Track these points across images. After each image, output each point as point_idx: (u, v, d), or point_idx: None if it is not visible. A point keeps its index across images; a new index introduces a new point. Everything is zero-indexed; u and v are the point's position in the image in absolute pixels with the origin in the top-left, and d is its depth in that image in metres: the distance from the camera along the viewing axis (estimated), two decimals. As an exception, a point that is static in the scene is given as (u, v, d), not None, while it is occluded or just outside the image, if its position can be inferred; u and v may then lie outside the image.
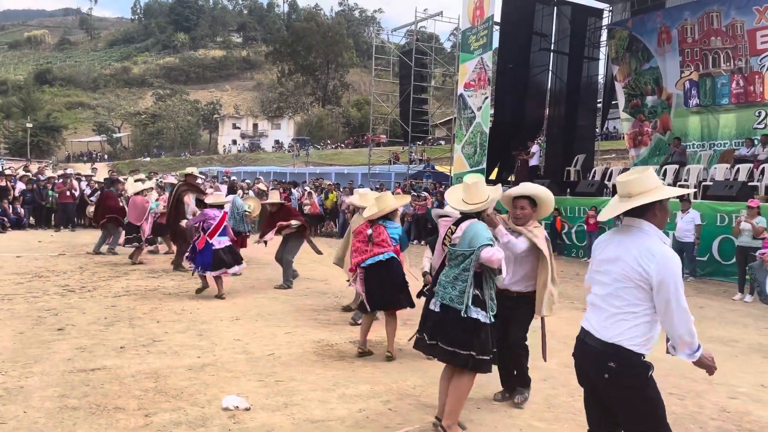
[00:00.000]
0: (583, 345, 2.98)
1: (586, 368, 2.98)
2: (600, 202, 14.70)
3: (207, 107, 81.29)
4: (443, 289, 4.03)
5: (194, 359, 5.70)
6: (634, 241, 2.85)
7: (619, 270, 2.86)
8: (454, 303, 3.94)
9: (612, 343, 2.81)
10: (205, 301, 8.41)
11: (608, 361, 2.80)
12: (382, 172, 29.22)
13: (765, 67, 14.90)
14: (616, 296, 2.86)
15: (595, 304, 2.98)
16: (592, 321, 2.96)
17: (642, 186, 2.89)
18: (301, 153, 59.50)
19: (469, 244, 3.93)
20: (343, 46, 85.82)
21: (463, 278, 3.93)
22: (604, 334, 2.86)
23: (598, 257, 3.06)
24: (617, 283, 2.86)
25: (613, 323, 2.84)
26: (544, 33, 19.07)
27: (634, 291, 2.81)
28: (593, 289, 3.05)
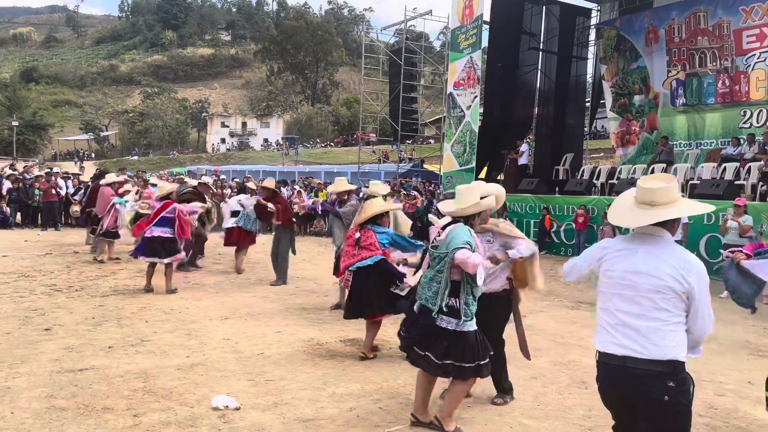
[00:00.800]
0: (625, 371, 2.71)
1: (631, 395, 2.73)
2: (589, 200, 14.78)
3: (195, 105, 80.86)
4: (421, 289, 4.05)
5: (183, 359, 5.67)
6: (667, 251, 2.76)
7: (656, 281, 2.71)
8: (428, 303, 3.95)
9: (669, 360, 2.66)
10: (194, 300, 8.37)
11: (668, 381, 2.65)
12: (371, 171, 29.25)
13: (751, 67, 15.03)
14: (659, 309, 2.70)
15: (631, 324, 2.73)
16: (631, 343, 2.72)
17: (669, 196, 2.78)
18: (290, 152, 59.37)
19: (446, 246, 3.92)
20: (333, 45, 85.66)
21: (438, 280, 3.93)
22: (657, 352, 2.66)
23: (621, 269, 2.81)
24: (657, 295, 2.71)
25: (663, 337, 2.68)
26: (533, 32, 19.12)
27: (676, 301, 2.70)
28: (620, 305, 2.79)
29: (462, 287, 3.91)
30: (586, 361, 5.71)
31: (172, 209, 8.77)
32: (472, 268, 3.80)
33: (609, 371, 2.79)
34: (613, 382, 2.80)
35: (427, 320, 3.95)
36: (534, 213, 16.00)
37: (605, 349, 2.79)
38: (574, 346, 6.50)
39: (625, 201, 2.95)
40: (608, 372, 2.80)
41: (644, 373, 2.66)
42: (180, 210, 8.79)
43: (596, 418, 4.37)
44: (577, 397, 4.97)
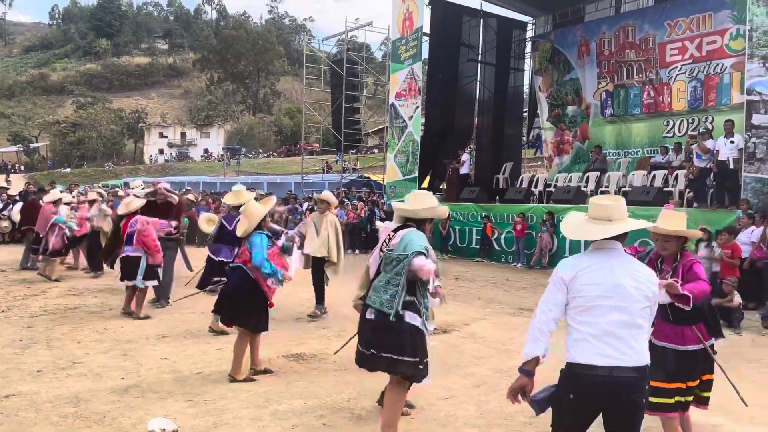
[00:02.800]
0: (613, 379, 2.82)
1: (613, 403, 2.86)
2: (527, 208, 15.13)
3: (131, 116, 78.46)
4: (375, 293, 3.98)
5: (118, 381, 5.46)
6: (632, 263, 3.00)
7: (636, 291, 2.89)
8: (384, 307, 3.89)
9: (644, 366, 2.88)
10: (129, 319, 8.07)
11: (644, 384, 2.89)
12: (315, 181, 29.08)
13: (673, 79, 15.82)
14: (640, 317, 2.90)
15: (615, 333, 2.86)
16: (618, 353, 2.84)
17: (623, 212, 3.05)
18: (231, 162, 58.40)
19: (403, 250, 3.90)
20: (274, 54, 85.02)
21: (395, 282, 3.89)
22: (639, 358, 2.86)
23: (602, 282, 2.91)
24: (637, 305, 2.89)
25: (641, 344, 2.89)
26: (471, 44, 19.56)
27: (648, 309, 2.93)
28: (607, 317, 2.87)
29: (417, 286, 3.95)
30: (526, 368, 5.81)
31: (133, 222, 8.09)
32: (426, 274, 3.82)
33: (592, 382, 2.85)
34: (598, 392, 2.86)
35: (384, 322, 3.88)
36: (476, 221, 16.27)
37: (589, 361, 2.85)
38: (516, 353, 6.58)
39: (577, 219, 3.17)
40: (591, 382, 2.86)
41: (629, 379, 2.82)
42: (141, 223, 8.03)
43: (537, 425, 4.44)
44: (520, 405, 5.03)
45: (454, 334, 7.68)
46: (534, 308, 3.25)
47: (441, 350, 6.70)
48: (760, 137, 11.03)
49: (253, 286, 5.49)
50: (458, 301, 10.04)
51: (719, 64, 14.76)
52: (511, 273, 13.92)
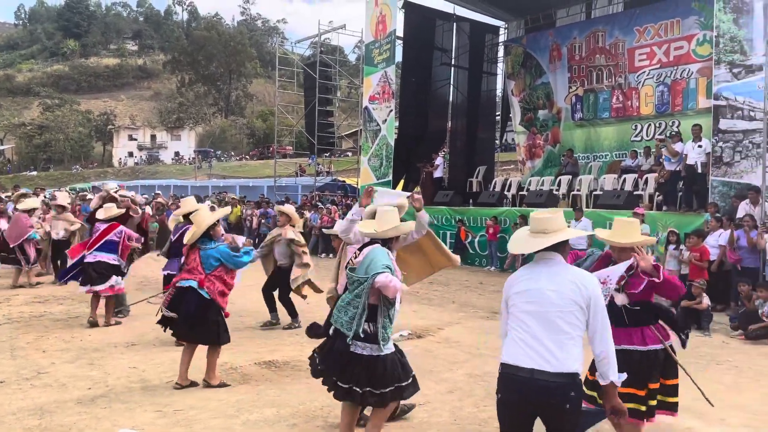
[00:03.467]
0: (531, 383, 2.93)
1: (536, 404, 2.97)
2: (500, 212, 15.22)
3: (100, 118, 76.98)
4: (337, 313, 3.90)
5: (84, 391, 5.31)
6: (565, 270, 3.12)
7: (558, 297, 3.01)
8: (343, 328, 3.79)
9: (571, 373, 2.93)
10: (96, 327, 7.88)
11: (570, 391, 2.93)
12: (288, 184, 28.86)
13: (641, 83, 16.09)
14: (563, 322, 2.98)
15: (538, 337, 2.98)
16: (537, 356, 2.95)
17: (557, 224, 3.19)
18: (203, 165, 57.73)
19: (365, 271, 3.80)
20: (246, 56, 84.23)
21: (355, 305, 3.79)
22: (562, 365, 2.92)
23: (528, 290, 3.10)
24: (561, 311, 2.99)
25: (567, 351, 2.95)
26: (444, 48, 19.61)
27: (578, 315, 3.00)
28: (529, 322, 3.03)
29: (379, 311, 3.82)
30: (500, 372, 5.81)
31: (119, 232, 7.90)
32: (392, 291, 3.74)
33: (516, 383, 3.00)
34: (519, 392, 2.99)
35: (341, 346, 3.81)
36: (450, 225, 16.30)
37: (514, 361, 3.01)
38: (489, 357, 6.59)
39: (522, 233, 3.36)
40: (515, 384, 3.00)
41: (548, 384, 2.90)
42: (127, 234, 7.94)
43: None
44: (493, 409, 4.99)
45: (428, 339, 7.66)
46: None
47: (415, 356, 6.67)
48: (726, 141, 11.25)
49: (208, 303, 5.40)
50: (432, 306, 10.04)
51: (686, 69, 15.05)
52: (484, 276, 13.98)
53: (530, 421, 3.06)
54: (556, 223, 3.20)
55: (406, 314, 8.80)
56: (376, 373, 3.78)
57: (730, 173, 11.22)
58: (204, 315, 5.38)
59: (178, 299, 5.43)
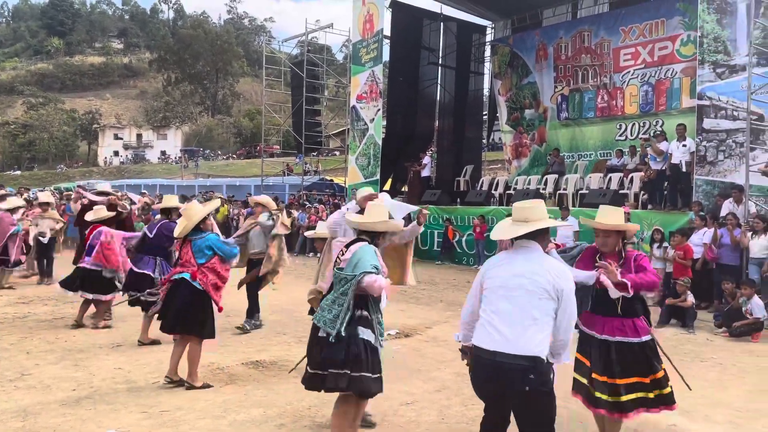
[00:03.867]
0: (493, 364, 3.09)
1: (500, 385, 3.12)
2: (488, 211, 15.27)
3: (85, 116, 76.28)
4: (321, 311, 3.86)
5: (69, 393, 5.26)
6: (540, 259, 3.23)
7: (530, 283, 3.13)
8: (327, 327, 3.75)
9: (531, 356, 3.03)
10: (82, 327, 7.80)
11: (529, 374, 3.02)
12: (275, 183, 28.77)
13: (626, 83, 16.21)
14: (532, 307, 3.10)
15: (504, 322, 3.11)
16: (500, 338, 3.09)
17: (538, 214, 3.32)
18: (189, 164, 57.38)
19: (353, 269, 3.77)
20: (233, 55, 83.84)
21: (340, 302, 3.75)
22: (523, 348, 3.04)
23: (503, 274, 3.23)
24: (531, 296, 3.11)
25: (531, 336, 3.06)
26: (432, 47, 19.65)
27: (547, 302, 3.12)
28: (498, 306, 3.17)
29: (370, 301, 3.84)
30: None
31: (97, 234, 7.67)
32: (377, 291, 3.74)
33: (482, 364, 3.17)
34: (485, 373, 3.18)
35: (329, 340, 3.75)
36: (437, 224, 16.34)
37: (480, 344, 3.18)
38: (477, 356, 6.63)
39: (505, 221, 3.49)
40: (481, 364, 3.18)
41: (509, 366, 3.04)
42: (106, 235, 7.63)
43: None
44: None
45: (416, 338, 7.67)
46: None
47: (403, 355, 6.68)
48: (710, 141, 11.36)
49: (201, 295, 5.37)
50: (420, 305, 10.06)
51: (670, 68, 15.19)
52: (472, 275, 13.94)
53: (502, 403, 3.22)
54: (537, 213, 3.32)
55: (394, 313, 8.81)
56: (367, 357, 3.74)
57: (713, 172, 11.33)
58: (193, 306, 5.34)
59: (172, 293, 5.39)
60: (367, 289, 3.74)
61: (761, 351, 7.47)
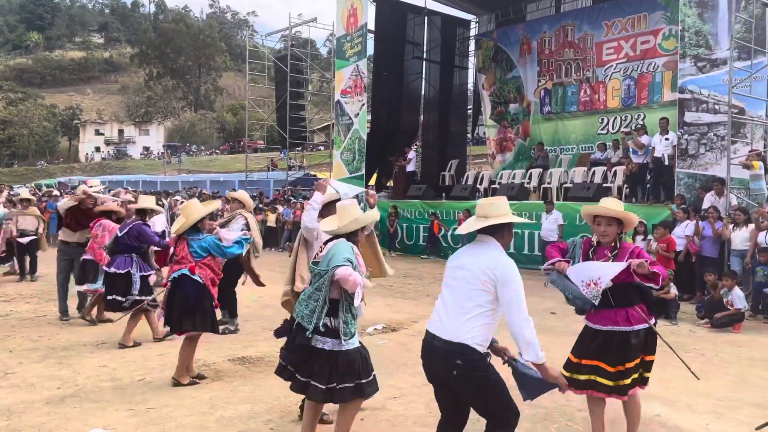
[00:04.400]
0: (431, 346, 3.31)
1: (435, 367, 3.34)
2: (473, 205, 15.27)
3: (66, 112, 75.28)
4: (299, 306, 3.85)
5: (53, 391, 5.21)
6: (484, 252, 3.36)
7: (470, 274, 3.28)
8: (304, 321, 3.75)
9: (458, 342, 3.19)
10: (66, 325, 7.73)
11: (455, 359, 3.19)
12: (260, 179, 28.63)
13: (608, 77, 16.35)
14: (466, 297, 3.26)
15: (445, 309, 3.33)
16: (439, 324, 3.31)
17: (498, 210, 3.42)
18: (172, 160, 56.92)
19: (327, 264, 3.76)
20: (215, 49, 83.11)
21: (315, 297, 3.75)
22: (452, 334, 3.22)
23: (451, 266, 3.47)
24: (468, 286, 3.27)
25: (461, 324, 3.22)
26: (416, 42, 19.64)
27: (481, 293, 3.24)
28: (445, 297, 3.39)
29: (341, 306, 3.78)
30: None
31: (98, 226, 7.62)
32: (351, 285, 3.68)
33: (424, 344, 3.39)
34: (423, 354, 3.40)
35: (302, 340, 3.74)
36: (423, 218, 16.37)
37: (427, 326, 3.41)
38: (463, 350, 6.65)
39: (472, 217, 3.60)
40: (424, 344, 3.39)
41: (440, 350, 3.25)
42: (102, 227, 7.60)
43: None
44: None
45: (402, 332, 7.69)
46: None
47: (389, 349, 6.70)
48: (691, 134, 11.49)
49: (203, 291, 5.36)
50: (407, 299, 10.08)
51: (652, 62, 15.33)
52: (457, 269, 14.06)
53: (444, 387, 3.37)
54: (497, 209, 3.44)
55: (380, 308, 8.83)
56: (336, 367, 3.72)
57: (695, 165, 11.46)
58: (200, 301, 5.32)
59: (173, 291, 5.35)
60: (341, 283, 3.69)
61: (743, 341, 7.59)
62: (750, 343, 7.50)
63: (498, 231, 3.40)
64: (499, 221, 3.39)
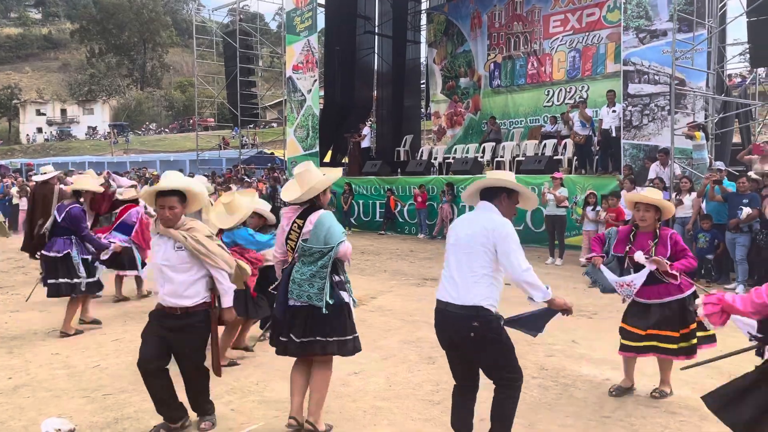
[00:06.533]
0: (445, 313, 3.48)
1: (450, 332, 3.49)
2: (428, 180, 15.44)
3: (3, 92, 71.66)
4: (299, 287, 3.82)
5: (4, 381, 5.09)
6: (481, 216, 3.55)
7: (472, 240, 3.44)
8: (313, 300, 3.78)
9: (472, 305, 3.36)
10: (14, 313, 7.51)
11: (471, 321, 3.36)
12: (212, 158, 28.08)
13: (554, 50, 16.59)
14: (473, 262, 3.41)
15: (453, 277, 3.47)
16: (451, 291, 3.46)
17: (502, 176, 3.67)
18: (119, 140, 55.17)
19: (324, 241, 3.81)
20: (160, 24, 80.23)
21: (321, 275, 3.80)
22: (465, 299, 3.38)
23: (456, 235, 3.58)
24: (471, 251, 3.43)
25: (472, 288, 3.39)
26: (367, 16, 19.46)
27: (483, 256, 3.41)
28: (451, 264, 3.52)
29: (339, 265, 3.96)
30: (432, 337, 5.93)
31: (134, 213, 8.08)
32: (348, 256, 3.96)
33: (437, 313, 3.56)
34: (439, 321, 3.55)
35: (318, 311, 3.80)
36: (379, 194, 16.41)
37: (437, 296, 3.57)
38: (422, 323, 6.77)
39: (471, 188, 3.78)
40: (437, 314, 3.56)
41: (455, 315, 3.42)
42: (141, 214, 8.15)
43: (443, 392, 4.59)
44: (425, 373, 5.20)
45: (361, 308, 7.74)
46: (438, 278, 3.66)
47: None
48: (635, 105, 11.79)
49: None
50: (365, 275, 10.14)
51: (596, 35, 15.63)
52: (414, 244, 14.22)
53: (458, 352, 3.55)
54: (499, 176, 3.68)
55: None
56: (340, 320, 3.87)
57: (639, 136, 11.79)
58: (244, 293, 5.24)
59: None
60: (340, 257, 3.90)
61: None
62: (692, 306, 7.85)
63: (496, 197, 3.58)
64: (496, 184, 3.59)
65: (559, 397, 4.66)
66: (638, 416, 4.30)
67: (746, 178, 9.21)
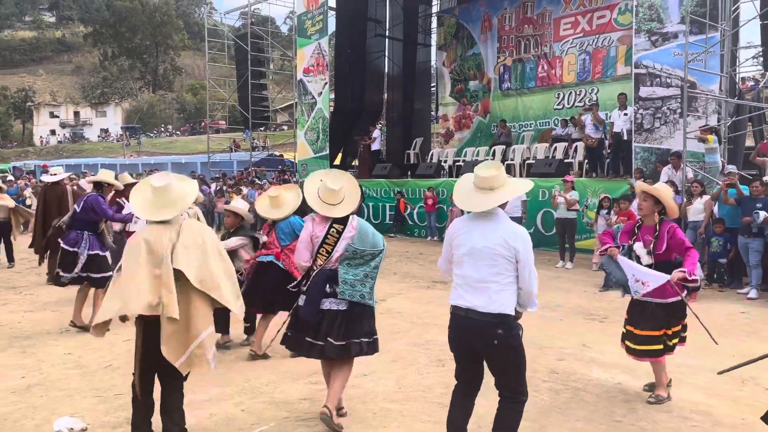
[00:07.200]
0: (467, 320, 3.44)
1: (471, 339, 3.47)
2: (438, 183, 15.43)
3: (18, 94, 72.50)
4: (352, 288, 4.03)
5: (18, 381, 5.13)
6: (499, 226, 3.46)
7: (493, 252, 3.39)
8: (366, 299, 4.06)
9: (498, 313, 3.37)
10: (27, 313, 7.58)
11: (497, 329, 3.36)
12: (222, 160, 28.26)
13: (565, 52, 16.54)
14: (494, 272, 3.39)
15: (471, 285, 3.44)
16: (471, 299, 3.43)
17: (502, 180, 3.49)
18: (132, 142, 55.58)
19: (372, 244, 4.11)
20: (173, 28, 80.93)
21: (373, 275, 4.10)
22: (492, 307, 3.37)
23: (471, 245, 3.47)
24: (495, 263, 3.39)
25: (496, 296, 3.38)
26: (378, 19, 19.50)
27: (506, 265, 3.40)
28: (466, 271, 3.47)
29: None
30: (442, 339, 5.95)
31: None
32: None
33: (457, 320, 3.52)
34: (459, 328, 3.51)
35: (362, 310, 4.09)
36: (389, 197, 16.42)
37: (455, 302, 3.51)
38: (431, 326, 6.77)
39: (466, 185, 3.62)
40: (456, 320, 3.52)
41: (479, 323, 3.39)
42: None
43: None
44: (435, 375, 5.19)
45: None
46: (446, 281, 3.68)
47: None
48: (646, 108, 11.72)
49: (286, 274, 5.48)
50: (374, 277, 10.13)
51: (607, 37, 15.55)
52: (424, 247, 14.21)
53: (473, 357, 3.54)
54: (501, 179, 3.49)
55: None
56: (371, 321, 4.19)
57: (650, 139, 11.72)
58: (281, 286, 5.31)
59: (259, 274, 5.58)
60: None
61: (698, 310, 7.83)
62: (705, 312, 7.76)
63: None
64: (510, 195, 3.53)
65: (569, 401, 4.64)
66: (650, 420, 4.28)
67: (760, 182, 9.12)
